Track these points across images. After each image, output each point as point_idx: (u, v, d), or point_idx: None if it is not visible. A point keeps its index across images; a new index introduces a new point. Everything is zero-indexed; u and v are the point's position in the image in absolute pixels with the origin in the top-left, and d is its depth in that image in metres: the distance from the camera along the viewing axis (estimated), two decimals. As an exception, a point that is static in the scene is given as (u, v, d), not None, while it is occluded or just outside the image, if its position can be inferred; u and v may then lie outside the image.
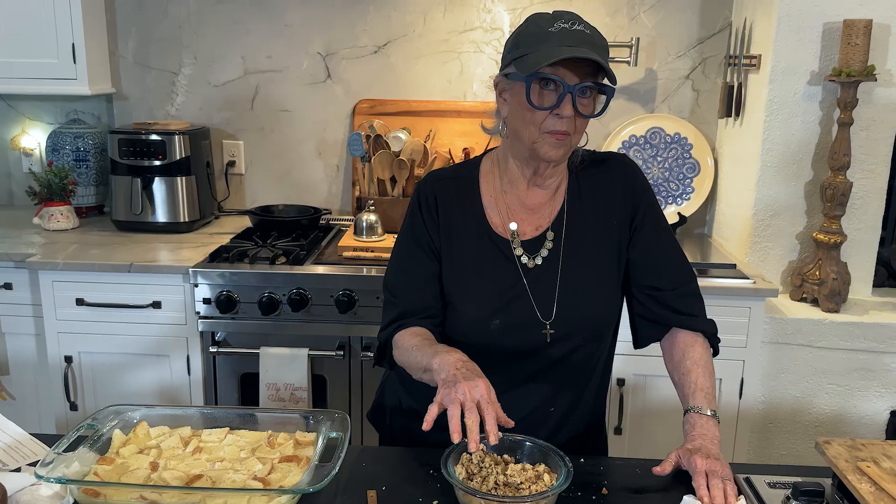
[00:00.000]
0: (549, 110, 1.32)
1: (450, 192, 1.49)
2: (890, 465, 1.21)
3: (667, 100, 2.90)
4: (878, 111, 2.40)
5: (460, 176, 1.52)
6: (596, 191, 1.48)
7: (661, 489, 1.28)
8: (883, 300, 2.52)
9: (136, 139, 2.71)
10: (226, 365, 2.43)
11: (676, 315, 1.48)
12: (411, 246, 1.49)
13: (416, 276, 1.47)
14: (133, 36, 2.98)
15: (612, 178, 1.49)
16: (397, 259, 1.52)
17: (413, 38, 2.91)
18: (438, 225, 1.47)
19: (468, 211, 1.47)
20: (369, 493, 1.25)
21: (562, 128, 1.33)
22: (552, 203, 1.48)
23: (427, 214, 1.48)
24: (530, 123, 1.35)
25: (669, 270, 1.50)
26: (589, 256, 1.45)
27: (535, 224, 1.47)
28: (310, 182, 3.05)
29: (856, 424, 2.41)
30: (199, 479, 1.21)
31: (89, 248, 2.54)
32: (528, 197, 1.47)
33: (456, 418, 1.16)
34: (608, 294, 1.47)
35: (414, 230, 1.49)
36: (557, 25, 1.32)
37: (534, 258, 1.44)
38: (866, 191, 2.45)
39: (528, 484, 1.18)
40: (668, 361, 1.50)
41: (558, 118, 1.32)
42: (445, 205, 1.48)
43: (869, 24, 2.25)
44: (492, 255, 1.45)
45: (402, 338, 1.42)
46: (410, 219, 1.51)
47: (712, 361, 1.46)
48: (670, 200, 2.85)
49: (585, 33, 1.32)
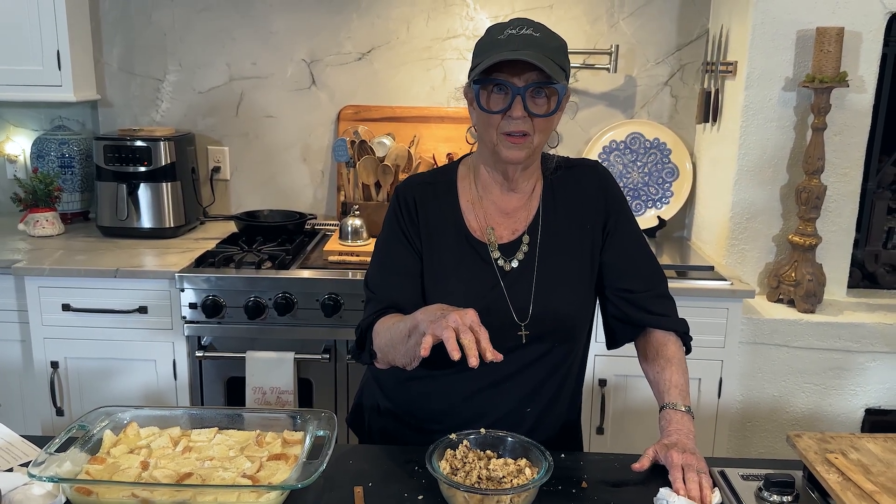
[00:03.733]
0: (500, 113, 1.36)
1: (428, 197, 1.52)
2: (857, 457, 1.25)
3: (646, 105, 2.95)
4: (851, 116, 2.46)
5: (438, 181, 1.55)
6: (569, 196, 1.52)
7: (639, 482, 1.32)
8: (857, 301, 2.58)
9: (122, 145, 2.72)
10: (212, 369, 2.45)
11: (650, 315, 1.52)
12: (391, 243, 1.52)
13: (397, 272, 1.49)
14: (118, 43, 3.00)
15: (585, 183, 1.53)
16: (378, 257, 1.54)
17: (397, 46, 2.95)
18: (419, 227, 1.50)
19: (447, 215, 1.50)
20: (356, 489, 1.28)
21: (517, 129, 1.37)
22: (527, 207, 1.51)
23: (407, 216, 1.50)
24: (489, 127, 1.40)
25: (642, 273, 1.54)
26: (563, 259, 1.48)
27: (512, 228, 1.50)
28: (295, 187, 3.08)
29: (832, 422, 2.47)
30: (189, 477, 1.23)
31: (75, 254, 2.55)
32: (503, 202, 1.51)
33: (452, 340, 1.16)
34: (581, 296, 1.51)
35: (394, 230, 1.52)
36: (506, 33, 1.37)
37: (510, 261, 1.47)
38: (840, 194, 2.51)
39: (511, 478, 1.22)
40: (642, 360, 1.54)
41: (511, 119, 1.36)
42: (425, 208, 1.51)
43: (841, 31, 2.31)
44: (470, 259, 1.48)
45: (380, 323, 1.43)
46: (390, 220, 1.54)
47: (685, 359, 1.51)
48: (650, 204, 2.90)
49: (533, 36, 1.35)
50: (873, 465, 1.23)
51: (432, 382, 1.48)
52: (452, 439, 1.30)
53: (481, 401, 1.44)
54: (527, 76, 1.34)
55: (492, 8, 2.90)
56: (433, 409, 1.51)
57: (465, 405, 1.47)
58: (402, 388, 1.54)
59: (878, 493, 1.15)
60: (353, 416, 1.71)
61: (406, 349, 1.32)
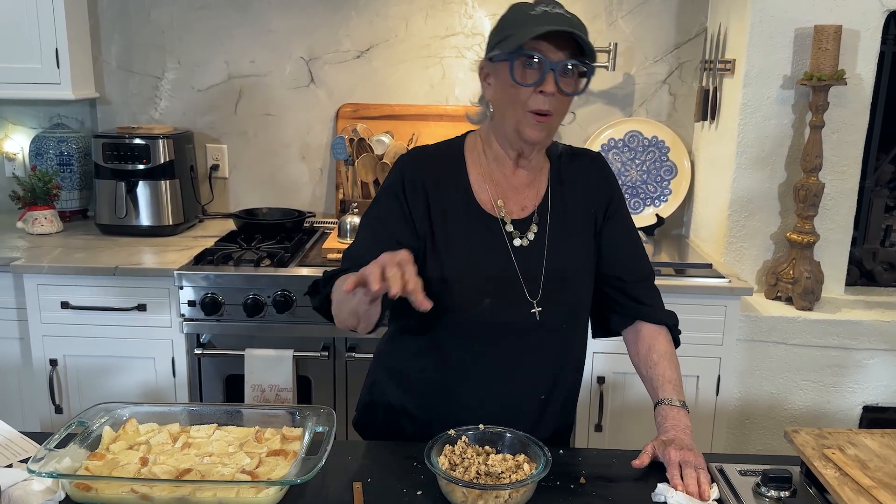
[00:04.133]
0: (533, 87, 1.34)
1: (436, 170, 1.48)
2: (854, 452, 1.26)
3: (644, 104, 2.96)
4: (849, 114, 2.46)
5: (445, 154, 1.52)
6: (575, 180, 1.53)
7: (637, 478, 1.32)
8: (855, 298, 2.59)
9: (120, 143, 2.72)
10: (211, 367, 2.45)
11: (640, 305, 1.54)
12: (388, 216, 1.45)
13: (385, 239, 1.40)
14: (116, 41, 3.00)
15: (589, 171, 1.55)
16: (370, 228, 1.46)
17: (395, 44, 2.95)
18: (428, 203, 1.45)
19: (455, 189, 1.47)
20: (355, 485, 1.28)
21: (545, 106, 1.36)
22: (536, 186, 1.51)
23: (412, 193, 1.45)
24: (515, 102, 1.37)
25: (633, 263, 1.56)
26: (570, 241, 1.49)
27: (521, 204, 1.49)
28: (294, 185, 3.08)
29: (829, 419, 2.47)
30: (188, 472, 1.24)
31: (74, 252, 2.55)
32: (513, 177, 1.50)
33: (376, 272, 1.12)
34: (587, 278, 1.52)
35: (392, 205, 1.45)
36: (539, 9, 1.36)
37: (523, 237, 1.47)
38: (838, 192, 2.52)
39: (509, 473, 1.22)
40: (633, 354, 1.55)
41: (542, 95, 1.35)
42: (433, 182, 1.47)
43: (839, 29, 2.32)
44: (481, 233, 1.45)
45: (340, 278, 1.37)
46: (390, 193, 1.46)
47: (675, 353, 1.53)
48: (648, 202, 2.91)
49: (566, 16, 1.35)
50: (870, 460, 1.24)
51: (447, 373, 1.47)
52: (451, 435, 1.30)
53: (497, 387, 1.45)
54: (562, 53, 1.34)
55: (490, 6, 2.91)
56: (449, 397, 1.48)
57: (479, 392, 1.46)
58: (418, 381, 1.51)
59: (875, 489, 1.15)
60: (362, 416, 1.65)
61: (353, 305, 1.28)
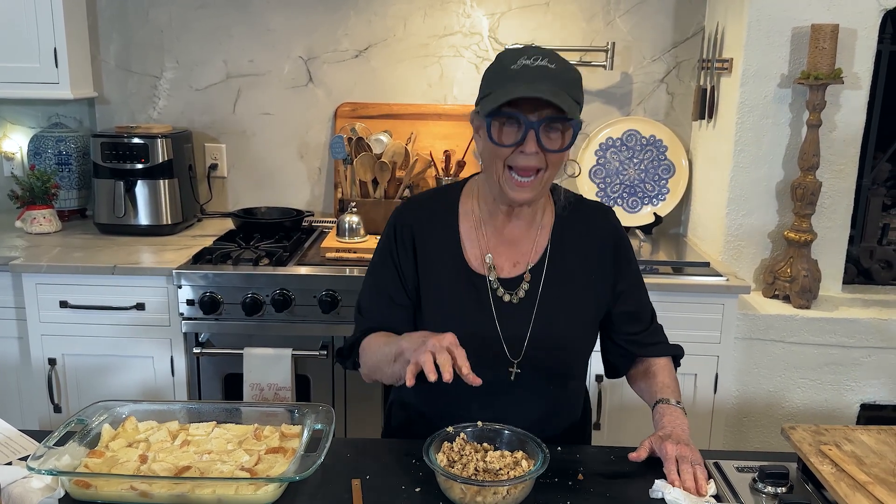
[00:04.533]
0: (513, 147, 1.32)
1: (426, 225, 1.48)
2: (851, 448, 1.26)
3: (642, 103, 2.96)
4: (846, 113, 2.47)
5: (438, 206, 1.51)
6: (578, 237, 1.49)
7: (635, 474, 1.33)
8: (852, 296, 2.59)
9: (119, 142, 2.73)
10: (209, 366, 2.45)
11: (647, 347, 1.56)
12: (383, 270, 1.51)
13: (385, 300, 1.49)
14: (115, 40, 3.00)
15: (595, 228, 1.51)
16: (370, 280, 1.54)
17: (393, 43, 2.96)
18: (416, 262, 1.47)
19: (445, 246, 1.47)
20: (353, 482, 1.28)
21: (528, 164, 1.33)
22: (533, 240, 1.48)
23: (402, 250, 1.48)
24: (496, 158, 1.35)
25: (643, 316, 1.57)
26: (566, 301, 1.46)
27: (514, 259, 1.47)
28: (292, 184, 3.08)
29: (827, 417, 2.48)
30: (187, 470, 1.24)
31: (72, 251, 2.55)
32: (506, 229, 1.47)
33: (429, 362, 1.20)
34: (579, 339, 1.50)
35: (386, 258, 1.50)
36: (520, 62, 1.31)
37: (511, 295, 1.45)
38: (835, 190, 2.52)
39: (507, 470, 1.23)
40: (632, 375, 1.59)
41: (524, 154, 1.32)
42: (423, 240, 1.47)
43: (836, 28, 2.32)
44: (466, 292, 1.45)
45: (368, 341, 1.46)
46: (384, 247, 1.51)
47: (674, 370, 1.57)
48: (646, 201, 2.91)
49: (549, 68, 1.31)
50: (867, 456, 1.25)
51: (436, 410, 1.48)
52: (449, 432, 1.31)
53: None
54: (541, 111, 1.30)
55: (488, 5, 2.91)
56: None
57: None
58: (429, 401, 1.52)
59: (871, 484, 1.16)
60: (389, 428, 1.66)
61: (392, 371, 1.36)
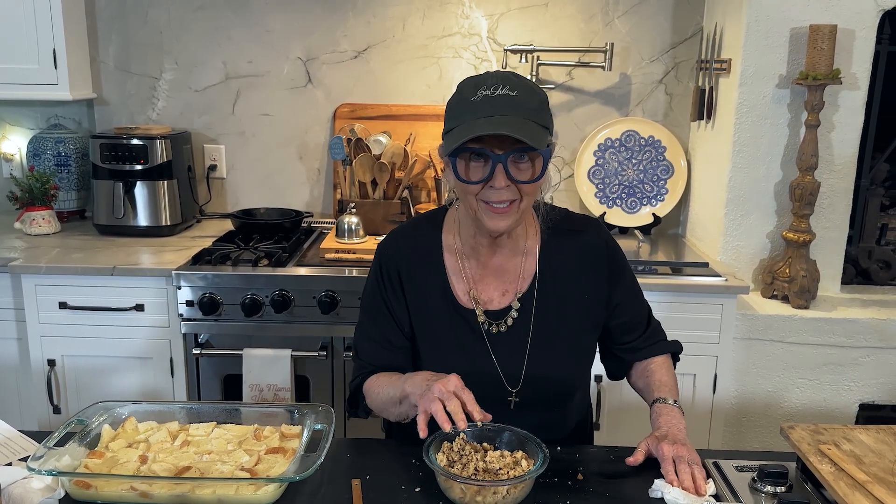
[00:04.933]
0: (482, 183, 1.28)
1: (412, 261, 1.46)
2: (850, 448, 1.27)
3: (641, 103, 2.97)
4: (844, 113, 2.47)
5: (422, 239, 1.48)
6: (569, 262, 1.46)
7: (634, 474, 1.33)
8: (851, 297, 2.60)
9: (118, 143, 2.73)
10: (209, 367, 2.45)
11: (645, 350, 1.55)
12: (375, 311, 1.48)
13: (380, 342, 1.48)
14: (114, 41, 3.00)
15: (585, 248, 1.47)
16: (363, 319, 1.51)
17: (392, 44, 2.96)
18: (405, 300, 1.45)
19: (431, 280, 1.45)
20: (353, 482, 1.28)
21: (500, 198, 1.28)
22: (519, 267, 1.45)
23: (391, 291, 1.46)
24: (468, 195, 1.31)
25: (639, 323, 1.56)
26: (560, 327, 1.44)
27: (501, 289, 1.44)
28: (291, 185, 3.08)
29: (826, 417, 2.48)
30: (187, 470, 1.24)
31: (72, 252, 2.55)
32: (491, 260, 1.45)
33: (441, 412, 1.21)
34: (577, 366, 1.49)
35: (379, 302, 1.47)
36: (480, 93, 1.27)
37: (499, 325, 1.43)
38: (834, 190, 2.52)
39: (507, 469, 1.23)
40: (631, 373, 1.59)
41: (493, 189, 1.28)
42: (409, 277, 1.45)
43: (834, 29, 2.33)
44: (457, 327, 1.44)
45: (371, 383, 1.45)
46: (373, 286, 1.49)
47: (672, 366, 1.56)
48: (645, 202, 2.91)
49: (510, 97, 1.25)
50: (865, 455, 1.25)
51: None
52: (449, 432, 1.31)
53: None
54: (507, 143, 1.25)
55: (487, 6, 2.91)
56: None
57: None
58: None
59: (870, 483, 1.16)
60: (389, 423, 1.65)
61: (398, 412, 1.38)
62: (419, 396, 1.26)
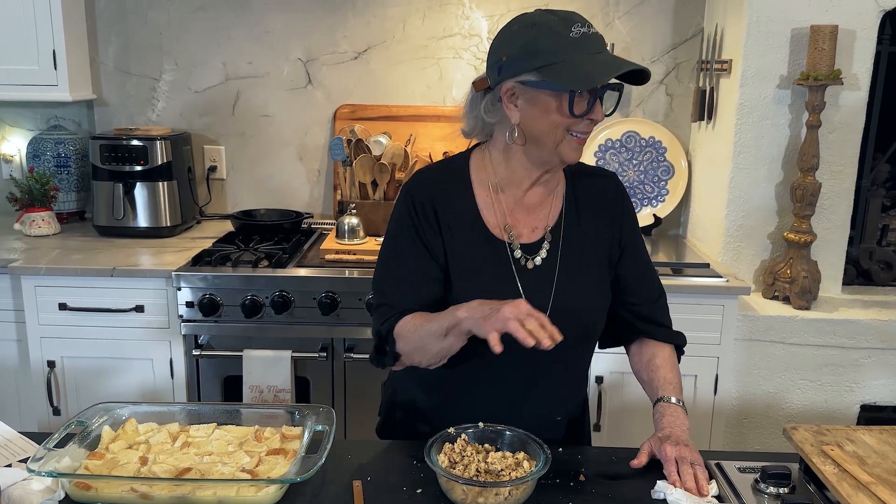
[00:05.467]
0: (584, 116, 1.34)
1: (444, 196, 1.46)
2: (853, 449, 1.26)
3: (641, 104, 2.96)
4: (845, 114, 2.47)
5: (449, 178, 1.49)
6: (590, 200, 1.51)
7: (636, 476, 1.32)
8: (852, 297, 2.59)
9: (118, 144, 2.72)
10: (209, 368, 2.45)
11: (651, 325, 1.55)
12: (406, 247, 1.45)
13: (414, 278, 1.43)
14: (113, 42, 3.00)
15: (605, 192, 1.53)
16: (390, 263, 1.48)
17: (392, 45, 2.96)
18: (439, 227, 1.44)
19: (463, 213, 1.45)
20: (354, 483, 1.28)
21: (590, 130, 1.38)
22: (549, 205, 1.49)
23: (423, 218, 1.44)
24: (559, 128, 1.35)
25: (647, 286, 1.56)
26: (584, 261, 1.47)
27: (532, 225, 1.47)
28: (291, 186, 3.08)
29: (827, 418, 2.48)
30: (188, 471, 1.24)
31: (71, 254, 2.55)
32: (528, 196, 1.47)
33: (521, 330, 1.18)
34: (600, 299, 1.50)
35: (408, 233, 1.45)
36: (576, 30, 1.30)
37: (532, 259, 1.45)
38: (835, 191, 2.52)
39: (509, 471, 1.22)
40: (635, 362, 1.57)
41: (590, 122, 1.35)
42: (443, 209, 1.45)
43: (835, 29, 2.32)
44: (488, 257, 1.44)
45: (404, 322, 1.39)
46: (403, 223, 1.46)
47: (677, 363, 1.55)
48: (645, 202, 2.91)
49: (599, 36, 1.33)
50: (868, 456, 1.24)
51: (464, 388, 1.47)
52: (451, 433, 1.31)
53: (512, 405, 1.45)
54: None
55: (487, 7, 2.91)
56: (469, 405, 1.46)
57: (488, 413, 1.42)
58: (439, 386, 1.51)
59: (873, 484, 1.16)
60: (384, 420, 1.64)
61: (441, 347, 1.31)
62: (483, 319, 1.21)
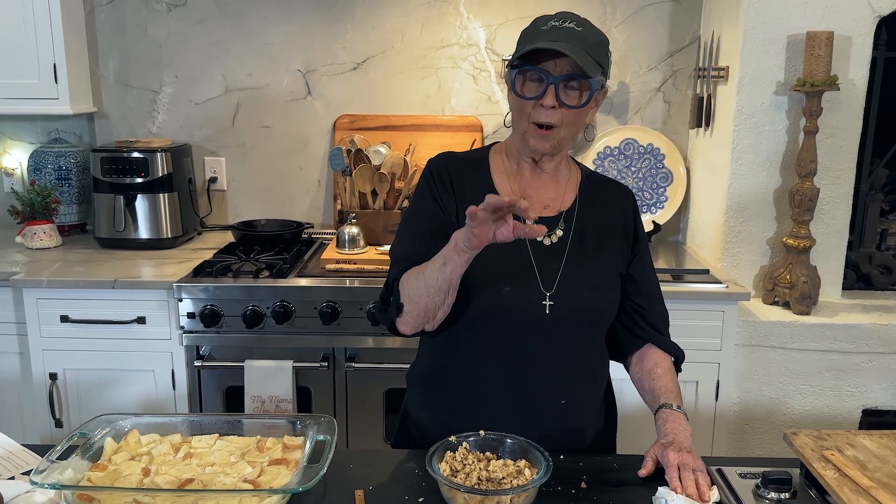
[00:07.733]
0: (533, 100, 1.40)
1: (461, 170, 1.54)
2: (853, 454, 1.27)
3: (639, 111, 2.98)
4: (842, 119, 2.48)
5: (471, 158, 1.59)
6: (606, 200, 1.57)
7: (637, 482, 1.32)
8: (852, 302, 2.60)
9: (119, 157, 2.73)
10: (211, 379, 2.45)
11: (654, 332, 1.58)
12: (422, 209, 1.52)
13: (427, 233, 1.48)
14: (113, 55, 3.01)
15: (619, 197, 1.59)
16: (407, 224, 1.54)
17: (391, 55, 2.97)
18: (454, 196, 1.51)
19: (480, 188, 1.50)
20: (356, 492, 1.28)
21: (546, 119, 1.41)
22: (561, 191, 1.54)
23: (440, 185, 1.52)
24: (521, 114, 1.44)
25: (652, 293, 1.59)
26: (594, 251, 1.51)
27: (543, 202, 1.53)
28: (291, 197, 3.09)
29: (829, 424, 2.48)
30: (190, 482, 1.24)
31: (73, 266, 2.56)
32: (534, 178, 1.54)
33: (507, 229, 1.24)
34: (608, 287, 1.53)
35: (425, 198, 1.52)
36: (550, 24, 1.41)
37: (548, 236, 1.49)
38: (833, 196, 2.53)
39: (510, 479, 1.23)
40: (636, 371, 1.59)
41: (543, 109, 1.40)
42: (459, 180, 1.53)
43: (831, 35, 2.34)
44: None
45: (407, 273, 1.43)
46: (421, 190, 1.54)
47: (676, 375, 1.57)
48: (645, 209, 2.92)
49: (575, 30, 1.40)
50: (869, 461, 1.25)
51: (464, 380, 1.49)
52: (452, 441, 1.31)
53: (517, 385, 1.46)
54: (563, 67, 1.38)
55: (485, 17, 2.93)
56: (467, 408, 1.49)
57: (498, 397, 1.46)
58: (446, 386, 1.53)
59: (874, 489, 1.16)
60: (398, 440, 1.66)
61: (443, 277, 1.33)
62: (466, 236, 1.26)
